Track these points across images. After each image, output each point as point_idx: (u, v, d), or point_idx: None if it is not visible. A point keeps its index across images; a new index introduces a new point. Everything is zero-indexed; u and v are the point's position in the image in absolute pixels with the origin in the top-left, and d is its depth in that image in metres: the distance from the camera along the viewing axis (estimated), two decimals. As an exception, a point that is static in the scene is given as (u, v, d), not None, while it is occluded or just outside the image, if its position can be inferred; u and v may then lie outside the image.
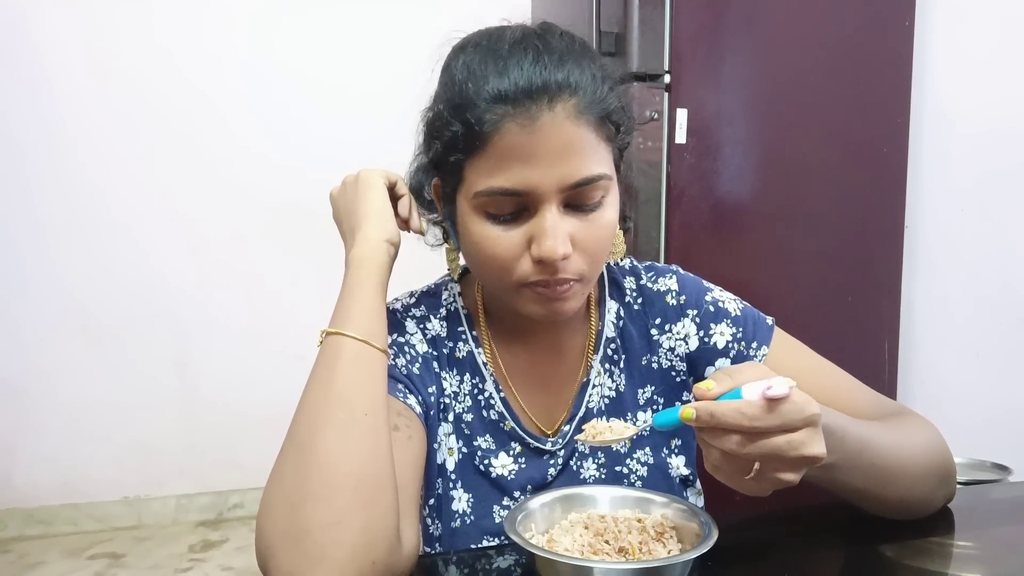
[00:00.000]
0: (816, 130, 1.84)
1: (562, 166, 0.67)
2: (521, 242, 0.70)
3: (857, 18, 1.85)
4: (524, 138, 0.66)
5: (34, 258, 2.62)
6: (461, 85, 0.69)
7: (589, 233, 0.70)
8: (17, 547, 2.57)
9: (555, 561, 0.60)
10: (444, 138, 0.70)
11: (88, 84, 2.60)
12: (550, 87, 0.66)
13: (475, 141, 0.68)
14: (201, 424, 2.76)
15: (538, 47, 0.68)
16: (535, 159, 0.66)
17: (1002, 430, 1.92)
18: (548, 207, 0.68)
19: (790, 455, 0.55)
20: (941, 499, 0.79)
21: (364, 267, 0.73)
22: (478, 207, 0.70)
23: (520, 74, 0.66)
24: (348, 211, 0.78)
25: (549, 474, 0.82)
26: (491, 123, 0.66)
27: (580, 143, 0.68)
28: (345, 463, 0.61)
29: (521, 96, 0.66)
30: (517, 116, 0.66)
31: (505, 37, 0.70)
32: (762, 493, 0.59)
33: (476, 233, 0.71)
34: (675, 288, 0.86)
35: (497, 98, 0.66)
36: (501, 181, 0.67)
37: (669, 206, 1.72)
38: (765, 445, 0.55)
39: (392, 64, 2.74)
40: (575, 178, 0.68)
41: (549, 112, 0.66)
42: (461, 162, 0.70)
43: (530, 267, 0.70)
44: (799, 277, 1.85)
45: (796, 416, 0.55)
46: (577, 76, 0.68)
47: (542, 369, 0.84)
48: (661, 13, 1.68)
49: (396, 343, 0.80)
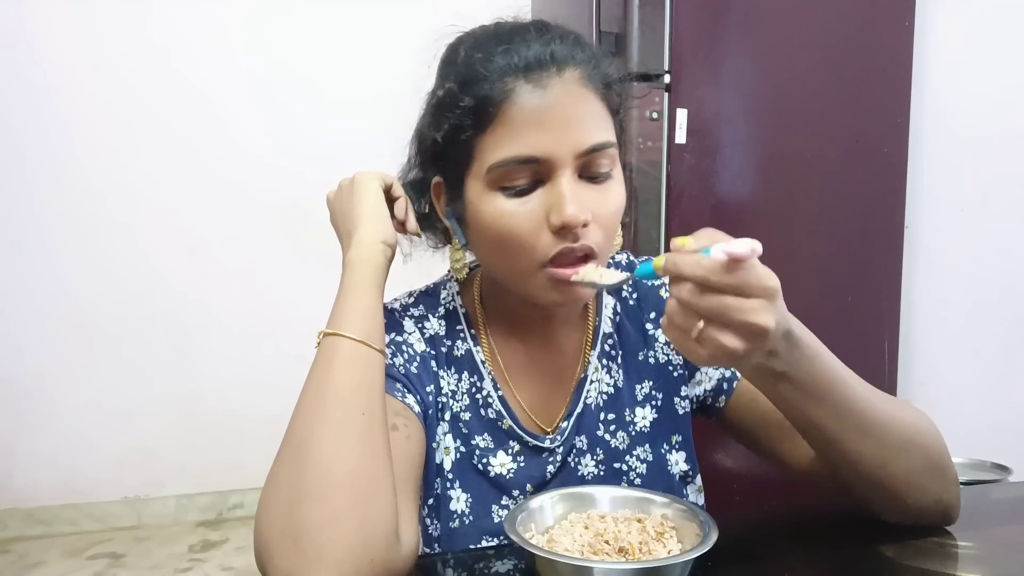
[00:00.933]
0: (816, 130, 1.84)
1: (575, 131, 0.69)
2: (539, 215, 0.70)
3: (857, 18, 1.85)
4: (536, 103, 0.68)
5: (34, 258, 2.62)
6: (468, 62, 0.71)
7: (602, 203, 0.71)
8: (17, 547, 2.57)
9: (555, 561, 0.60)
10: (454, 116, 0.71)
11: (87, 85, 2.60)
12: (557, 56, 0.70)
13: (487, 112, 0.69)
14: (201, 424, 2.76)
15: (540, 29, 0.72)
16: (548, 123, 0.68)
17: (1002, 430, 1.92)
18: (563, 173, 0.69)
19: (736, 318, 0.56)
20: (933, 496, 0.73)
21: (361, 269, 0.73)
22: (492, 182, 0.71)
23: (527, 48, 0.70)
24: (344, 214, 0.79)
25: (548, 472, 0.82)
26: (503, 92, 0.69)
27: (590, 109, 0.70)
28: (342, 462, 0.61)
29: (532, 64, 0.69)
30: (530, 82, 0.69)
31: (505, 24, 0.74)
32: (708, 362, 0.59)
33: (491, 212, 0.71)
34: (667, 281, 0.86)
35: (507, 68, 0.69)
36: (516, 149, 0.69)
37: (669, 206, 1.72)
38: (714, 300, 0.56)
39: (390, 65, 2.72)
40: (588, 143, 0.69)
41: (559, 78, 0.69)
42: (472, 139, 0.71)
43: (550, 240, 0.70)
44: (799, 277, 1.84)
45: (752, 282, 0.56)
46: (579, 51, 0.71)
47: (540, 366, 0.84)
48: (661, 13, 1.68)
49: (394, 342, 0.80)
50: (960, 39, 2.00)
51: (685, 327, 0.58)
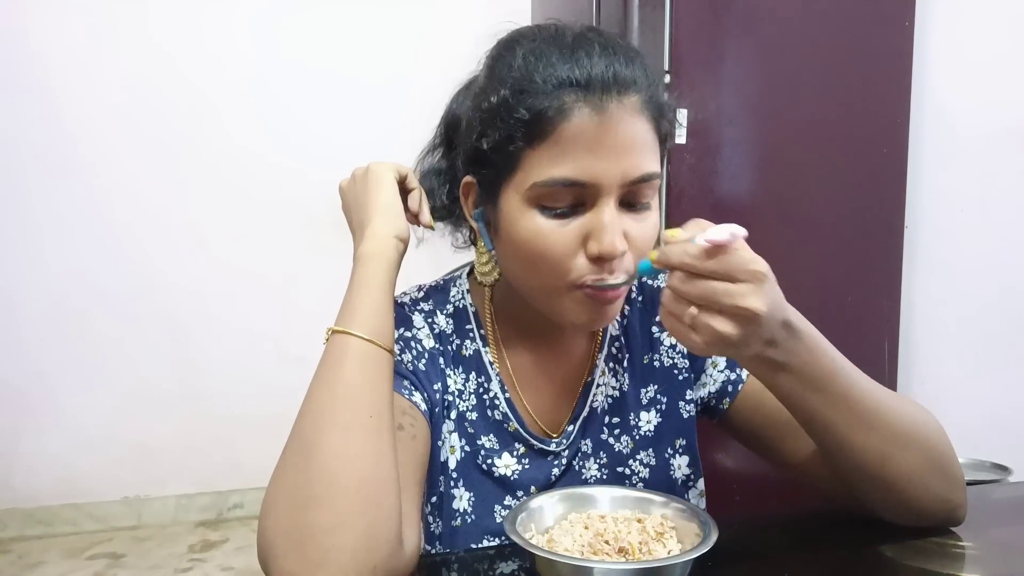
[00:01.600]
0: (816, 130, 1.84)
1: (626, 159, 0.67)
2: (576, 239, 0.68)
3: (857, 18, 1.84)
4: (593, 127, 0.65)
5: (34, 258, 2.62)
6: (525, 71, 0.68)
7: (639, 233, 0.70)
8: (17, 547, 2.57)
9: (555, 561, 0.60)
10: (505, 126, 0.68)
11: (88, 84, 2.60)
12: (620, 78, 0.66)
13: (540, 128, 0.66)
14: (201, 424, 2.76)
15: (603, 41, 0.68)
16: (601, 150, 0.66)
17: (1002, 430, 1.92)
18: (607, 201, 0.67)
19: (726, 302, 0.57)
20: (937, 494, 0.72)
21: (372, 263, 0.72)
22: (533, 199, 0.68)
23: (592, 62, 0.66)
24: (357, 205, 0.77)
25: (552, 475, 0.81)
26: (560, 109, 0.65)
27: (643, 138, 0.68)
28: (348, 466, 0.61)
29: (594, 84, 0.66)
30: (588, 104, 0.65)
31: (565, 30, 0.70)
32: (705, 350, 0.60)
33: (527, 228, 0.69)
34: None
35: (568, 83, 0.66)
36: (565, 171, 0.66)
37: (669, 206, 1.72)
38: (703, 286, 0.57)
39: (394, 63, 2.74)
40: (637, 173, 0.68)
41: (618, 103, 0.66)
42: (519, 151, 0.68)
43: (585, 265, 0.69)
44: (799, 277, 1.84)
45: (738, 266, 0.57)
46: (641, 72, 0.68)
47: (548, 370, 0.84)
48: (661, 13, 1.68)
49: (403, 337, 0.79)
50: (960, 39, 2.00)
51: (679, 315, 0.59)
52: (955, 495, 0.73)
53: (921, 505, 0.72)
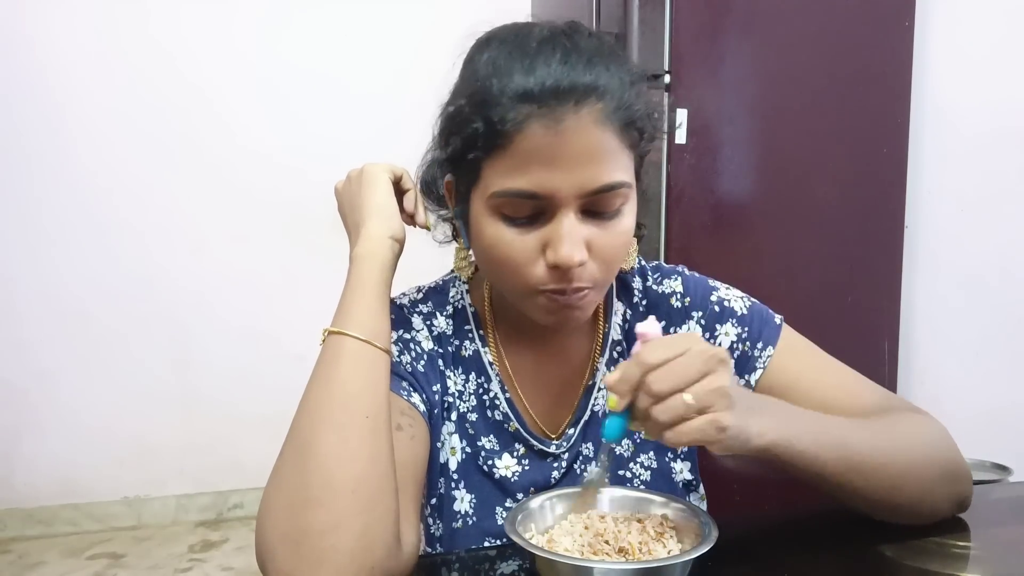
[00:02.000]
0: (816, 130, 1.84)
1: (584, 171, 0.65)
2: (536, 246, 0.68)
3: (857, 18, 1.85)
4: (548, 140, 0.64)
5: (35, 258, 2.62)
6: (485, 81, 0.67)
7: (605, 241, 0.69)
8: (17, 547, 2.57)
9: (555, 561, 0.60)
10: (463, 135, 0.68)
11: (90, 85, 2.60)
12: (577, 89, 0.64)
13: (496, 140, 0.66)
14: (201, 424, 2.76)
15: (566, 46, 0.66)
16: (557, 162, 0.65)
17: (1002, 430, 1.92)
18: (566, 212, 0.66)
19: (693, 374, 0.58)
20: (948, 499, 0.75)
21: (367, 264, 0.72)
22: (494, 208, 0.68)
23: (548, 73, 0.64)
24: (352, 206, 0.77)
25: (552, 477, 0.81)
26: (514, 122, 0.64)
27: (603, 149, 0.66)
28: (345, 467, 0.61)
29: (547, 96, 0.64)
30: (542, 117, 0.64)
31: (533, 34, 0.68)
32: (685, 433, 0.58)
33: (490, 235, 0.69)
34: (680, 290, 0.85)
35: (522, 96, 0.64)
36: (521, 183, 0.66)
37: (669, 206, 1.72)
38: (671, 369, 0.58)
39: (393, 63, 2.74)
40: (596, 184, 0.66)
41: (575, 115, 0.64)
42: (479, 160, 0.68)
43: (544, 273, 0.68)
44: (799, 277, 1.85)
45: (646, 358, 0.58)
46: (605, 80, 0.66)
47: (548, 371, 0.84)
48: (661, 13, 1.68)
49: (402, 339, 0.79)
50: (960, 39, 2.00)
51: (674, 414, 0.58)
52: (965, 490, 0.77)
53: (934, 510, 0.75)
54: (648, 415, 0.58)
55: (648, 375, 0.58)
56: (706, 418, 0.57)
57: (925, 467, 0.72)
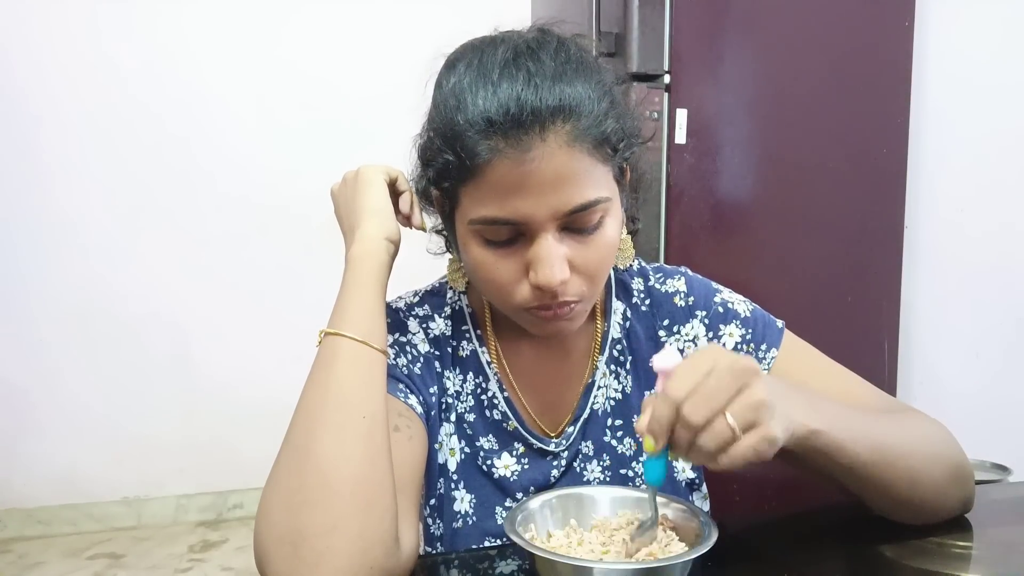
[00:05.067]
0: (816, 130, 1.84)
1: (556, 195, 0.65)
2: (519, 267, 0.69)
3: (857, 18, 1.84)
4: (516, 169, 0.64)
5: (34, 258, 2.62)
6: (451, 114, 0.66)
7: (588, 255, 0.69)
8: (17, 547, 2.57)
9: (555, 561, 0.60)
10: (436, 166, 0.69)
11: (88, 84, 2.60)
12: (542, 114, 0.63)
13: (466, 172, 0.66)
14: (201, 424, 2.76)
15: (529, 69, 0.65)
16: (527, 190, 0.65)
17: (1002, 430, 1.92)
18: (544, 235, 0.67)
19: (728, 394, 0.55)
20: (956, 499, 0.76)
21: (363, 265, 0.72)
22: (474, 232, 0.69)
23: (511, 100, 0.63)
24: (348, 208, 0.78)
25: (552, 476, 0.81)
26: (481, 156, 0.64)
27: (574, 171, 0.65)
28: (342, 467, 0.61)
29: (511, 125, 0.63)
30: (507, 149, 0.63)
31: (496, 57, 0.66)
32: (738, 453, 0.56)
33: (474, 257, 0.70)
34: (683, 289, 0.85)
35: (487, 129, 0.64)
36: (494, 211, 0.66)
37: (669, 206, 1.72)
38: (705, 393, 0.55)
39: (389, 67, 2.73)
40: (569, 206, 0.66)
41: (541, 141, 0.63)
42: (455, 187, 0.69)
43: (529, 292, 0.69)
44: (799, 277, 1.85)
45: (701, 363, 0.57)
46: (572, 98, 0.65)
47: (547, 369, 0.84)
48: (661, 13, 1.68)
49: (398, 342, 0.79)
50: (960, 39, 2.00)
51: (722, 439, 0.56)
52: (970, 490, 0.78)
53: (942, 510, 0.76)
54: (692, 446, 0.56)
55: (682, 408, 0.56)
56: (756, 436, 0.55)
57: (937, 464, 0.73)
